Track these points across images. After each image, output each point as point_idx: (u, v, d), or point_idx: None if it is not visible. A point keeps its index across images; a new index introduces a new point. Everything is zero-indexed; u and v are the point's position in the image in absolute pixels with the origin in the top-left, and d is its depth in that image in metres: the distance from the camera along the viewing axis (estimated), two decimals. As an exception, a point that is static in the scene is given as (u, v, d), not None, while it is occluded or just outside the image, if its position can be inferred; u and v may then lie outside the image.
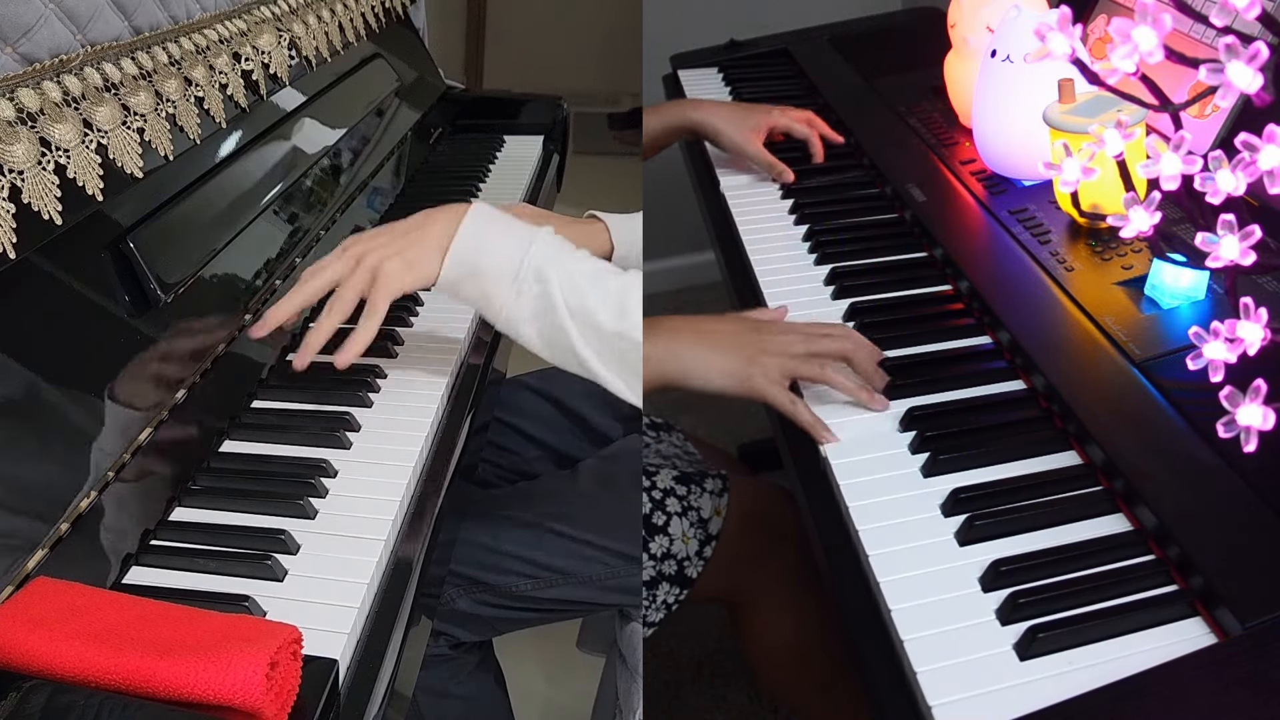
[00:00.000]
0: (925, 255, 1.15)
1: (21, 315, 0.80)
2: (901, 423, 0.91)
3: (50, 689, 0.62)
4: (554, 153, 1.78)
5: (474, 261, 0.91)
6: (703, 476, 1.16)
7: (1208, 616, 0.70)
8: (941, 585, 0.75)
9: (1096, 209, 0.98)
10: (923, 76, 1.46)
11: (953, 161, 1.26)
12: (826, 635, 1.19)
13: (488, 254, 0.90)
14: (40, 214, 0.83)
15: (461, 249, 0.91)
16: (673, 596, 1.13)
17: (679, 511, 1.13)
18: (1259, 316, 0.73)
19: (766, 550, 1.17)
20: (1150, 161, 0.75)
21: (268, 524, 0.83)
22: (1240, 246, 0.73)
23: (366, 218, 1.36)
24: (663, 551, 1.12)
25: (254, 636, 0.64)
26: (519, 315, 0.90)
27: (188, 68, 1.08)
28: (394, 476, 0.90)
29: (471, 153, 1.70)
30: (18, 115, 0.83)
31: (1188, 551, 0.72)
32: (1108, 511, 0.80)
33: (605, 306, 0.88)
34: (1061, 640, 0.69)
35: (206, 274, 1.00)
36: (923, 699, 0.68)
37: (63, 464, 0.76)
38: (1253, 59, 0.64)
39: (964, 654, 0.70)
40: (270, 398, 1.00)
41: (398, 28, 1.76)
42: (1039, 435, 0.88)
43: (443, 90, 1.84)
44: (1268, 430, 0.71)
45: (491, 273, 0.90)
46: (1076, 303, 0.97)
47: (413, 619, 0.81)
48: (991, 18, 1.26)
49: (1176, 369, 0.84)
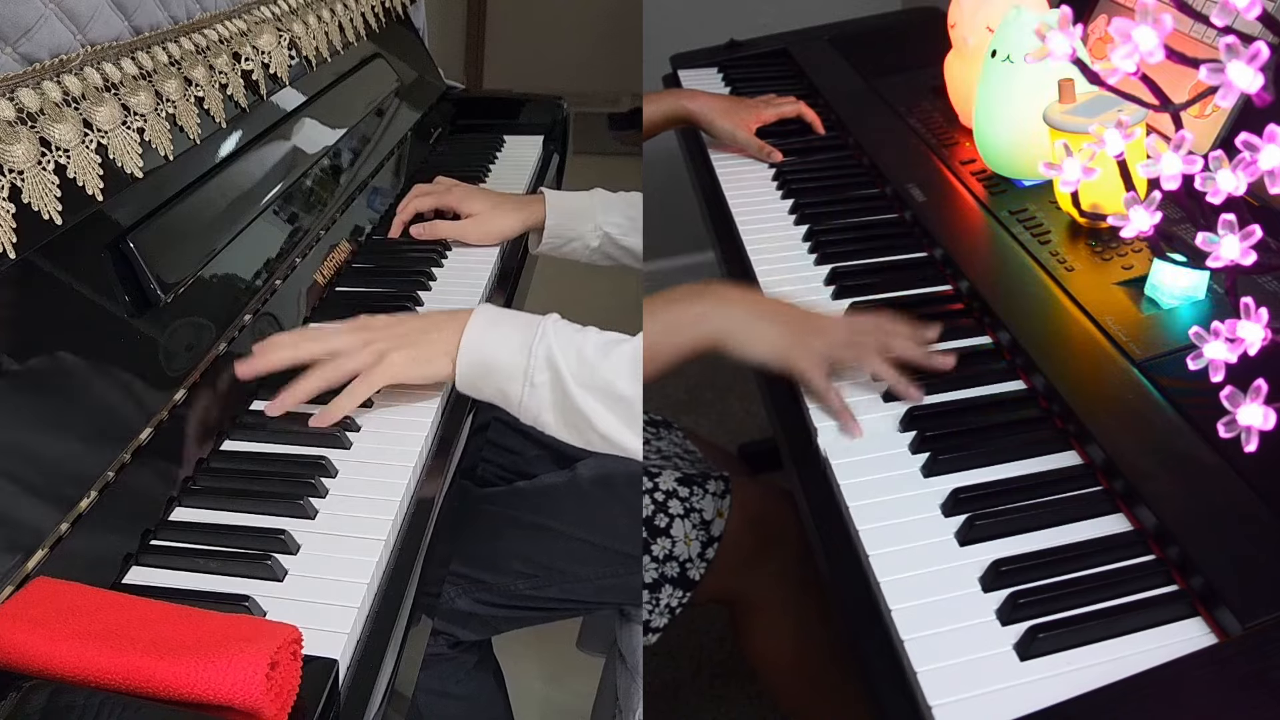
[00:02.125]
0: (925, 255, 1.15)
1: (21, 315, 0.80)
2: (901, 423, 0.91)
3: (50, 689, 0.62)
4: (554, 153, 1.78)
5: (484, 363, 0.94)
6: (705, 478, 1.16)
7: (1208, 616, 0.70)
8: (941, 585, 0.75)
9: (1096, 209, 0.98)
10: (923, 76, 1.46)
11: (953, 161, 1.26)
12: (827, 636, 1.19)
13: (495, 354, 0.93)
14: (40, 214, 0.83)
15: (469, 354, 0.94)
16: (676, 600, 1.13)
17: (681, 513, 1.13)
18: (1259, 316, 0.73)
19: (768, 552, 1.17)
20: (1150, 161, 0.75)
21: (268, 524, 0.83)
22: (1241, 246, 0.73)
23: (366, 218, 1.36)
24: (665, 553, 1.12)
25: (254, 636, 0.64)
26: (537, 405, 0.93)
27: (188, 68, 1.08)
28: (394, 476, 0.90)
29: (471, 153, 1.70)
30: (18, 115, 0.83)
31: (1188, 551, 0.72)
32: (1108, 511, 0.80)
33: (620, 374, 0.90)
34: (1062, 640, 0.69)
35: (206, 274, 1.00)
36: (923, 699, 0.68)
37: (62, 464, 0.76)
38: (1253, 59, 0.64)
39: (964, 654, 0.70)
40: (270, 398, 1.00)
41: (398, 28, 1.76)
42: (1039, 435, 0.88)
43: (443, 90, 1.84)
44: (1268, 430, 0.71)
45: (504, 371, 0.93)
46: (1076, 303, 0.97)
47: (413, 619, 0.81)
48: (991, 18, 1.26)
49: (1176, 369, 0.84)
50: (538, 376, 0.92)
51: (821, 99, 1.53)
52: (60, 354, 0.81)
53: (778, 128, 1.46)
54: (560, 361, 0.91)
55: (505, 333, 0.94)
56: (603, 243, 1.33)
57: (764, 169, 1.41)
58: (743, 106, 1.46)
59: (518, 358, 0.92)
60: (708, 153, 1.47)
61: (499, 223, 1.34)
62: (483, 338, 0.94)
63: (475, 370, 0.95)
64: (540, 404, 0.92)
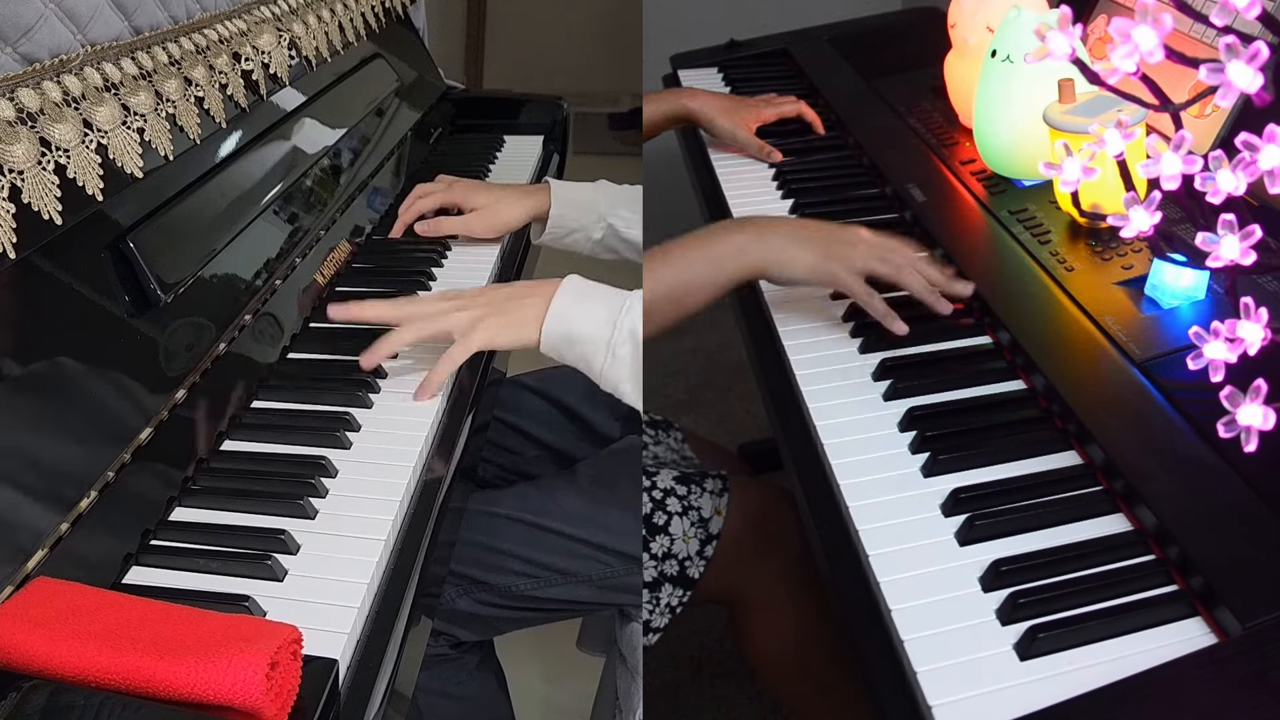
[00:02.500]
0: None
1: (21, 315, 0.80)
2: (901, 423, 0.91)
3: (50, 689, 0.62)
4: (554, 153, 1.78)
5: (569, 333, 1.00)
6: (703, 476, 1.16)
7: (1208, 616, 0.70)
8: (941, 585, 0.75)
9: (1096, 209, 0.98)
10: (923, 76, 1.46)
11: (953, 161, 1.26)
12: (826, 635, 1.19)
13: (581, 325, 1.00)
14: (40, 214, 0.83)
15: (555, 323, 1.00)
16: (675, 599, 1.13)
17: (679, 511, 1.13)
18: (1259, 316, 0.73)
19: (766, 551, 1.17)
20: (1150, 161, 0.75)
21: (268, 524, 0.83)
22: (1240, 246, 0.73)
23: (366, 218, 1.36)
24: (664, 551, 1.12)
25: (254, 636, 0.64)
26: (617, 375, 0.99)
27: (188, 68, 1.08)
28: (394, 476, 0.90)
29: (471, 153, 1.70)
30: (18, 115, 0.83)
31: (1188, 551, 0.72)
32: (1108, 511, 0.80)
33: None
34: (1061, 640, 0.69)
35: (206, 274, 1.00)
36: (923, 699, 0.68)
37: (62, 464, 0.76)
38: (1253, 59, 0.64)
39: (964, 654, 0.70)
40: (270, 398, 1.00)
41: (398, 28, 1.76)
42: (1039, 435, 0.88)
43: (443, 90, 1.84)
44: (1268, 430, 0.71)
45: (588, 340, 0.99)
46: (1076, 303, 0.97)
47: (413, 619, 0.81)
48: (991, 18, 1.26)
49: (1176, 369, 0.84)
50: (620, 349, 0.97)
51: (821, 99, 1.53)
52: (60, 354, 0.81)
53: (778, 127, 1.46)
54: (642, 335, 0.97)
55: (592, 306, 1.00)
56: (606, 235, 1.32)
57: (764, 169, 1.41)
58: (743, 105, 1.47)
59: (602, 330, 0.98)
60: (708, 152, 1.47)
61: (504, 214, 1.34)
62: (570, 309, 1.00)
63: (560, 339, 1.00)
64: (620, 374, 0.98)
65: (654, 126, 1.49)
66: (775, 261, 1.01)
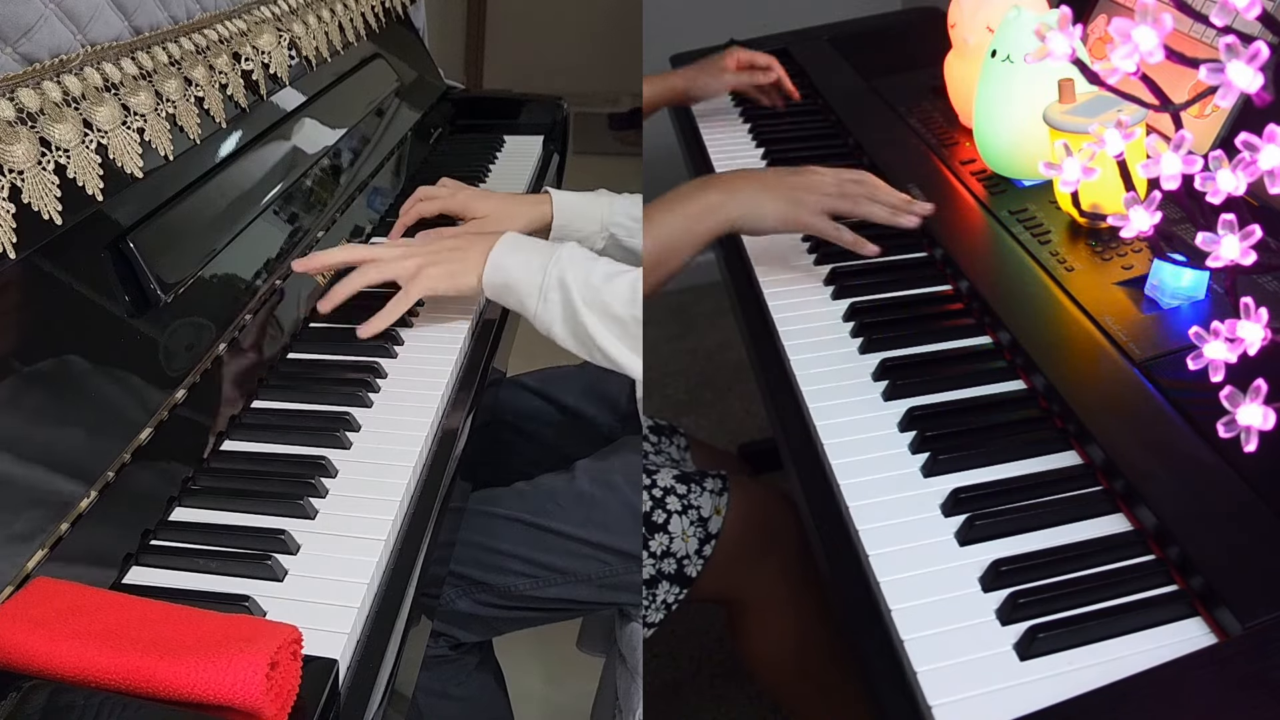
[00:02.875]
0: (925, 255, 1.15)
1: (21, 315, 0.80)
2: (901, 423, 0.91)
3: (50, 689, 0.62)
4: (554, 153, 1.78)
5: (505, 281, 1.08)
6: (703, 476, 1.16)
7: (1208, 616, 0.70)
8: (941, 585, 0.75)
9: (1096, 209, 0.98)
10: (923, 76, 1.46)
11: (953, 161, 1.26)
12: (826, 635, 1.19)
13: (516, 271, 1.08)
14: (40, 214, 0.83)
15: (493, 272, 1.09)
16: (672, 596, 1.13)
17: (679, 510, 1.13)
18: (1259, 316, 0.73)
19: (766, 550, 1.17)
20: (1150, 161, 0.75)
21: (268, 524, 0.83)
22: (1240, 246, 0.73)
23: (366, 218, 1.36)
24: (662, 549, 1.12)
25: (254, 636, 0.64)
26: (550, 318, 1.06)
27: (188, 68, 1.08)
28: (394, 476, 0.90)
29: (471, 153, 1.70)
30: (18, 115, 0.83)
31: (1188, 551, 0.72)
32: (1108, 511, 0.80)
33: (618, 299, 1.03)
34: (1061, 640, 0.69)
35: (206, 274, 1.00)
36: (923, 699, 0.68)
37: (62, 464, 0.76)
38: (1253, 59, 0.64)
39: (964, 654, 0.70)
40: (270, 398, 1.00)
41: (398, 28, 1.76)
42: (1039, 435, 0.88)
43: (443, 90, 1.84)
44: (1268, 430, 0.71)
45: (523, 286, 1.07)
46: (1076, 303, 0.97)
47: (412, 619, 0.81)
48: (991, 18, 1.26)
49: (1176, 369, 0.84)
50: (550, 294, 1.05)
51: (821, 99, 1.53)
52: (60, 354, 0.81)
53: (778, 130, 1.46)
54: (570, 282, 1.04)
55: (527, 256, 1.08)
56: (608, 245, 1.32)
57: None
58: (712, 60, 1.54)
59: (535, 276, 1.06)
60: (708, 153, 1.47)
61: (506, 224, 1.33)
62: (506, 258, 1.08)
63: (500, 286, 1.08)
64: (552, 317, 1.06)
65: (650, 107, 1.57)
66: (746, 215, 1.07)
